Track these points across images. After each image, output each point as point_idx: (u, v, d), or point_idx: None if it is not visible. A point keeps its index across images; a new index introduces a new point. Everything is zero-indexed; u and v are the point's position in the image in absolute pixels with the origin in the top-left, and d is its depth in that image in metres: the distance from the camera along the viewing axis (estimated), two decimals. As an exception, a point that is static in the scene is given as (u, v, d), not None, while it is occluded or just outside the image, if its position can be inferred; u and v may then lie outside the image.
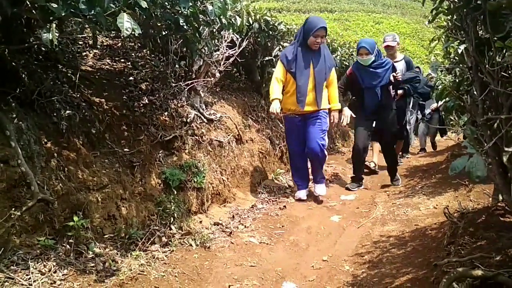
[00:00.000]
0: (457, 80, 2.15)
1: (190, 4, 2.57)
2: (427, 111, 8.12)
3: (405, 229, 3.61)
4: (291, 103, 4.48)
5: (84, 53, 4.02)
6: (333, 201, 4.69)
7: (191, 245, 3.18)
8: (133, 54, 4.44)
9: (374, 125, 5.29)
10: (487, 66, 1.49)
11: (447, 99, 2.47)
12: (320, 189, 4.73)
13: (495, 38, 1.50)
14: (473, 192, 3.89)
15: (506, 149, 1.37)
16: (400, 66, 5.97)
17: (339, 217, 4.21)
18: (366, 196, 4.87)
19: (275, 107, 4.26)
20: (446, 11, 1.80)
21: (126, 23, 2.06)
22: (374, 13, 29.34)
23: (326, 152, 4.61)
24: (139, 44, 4.59)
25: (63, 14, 1.95)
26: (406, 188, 5.05)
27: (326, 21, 4.64)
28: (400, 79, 5.06)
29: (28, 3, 1.94)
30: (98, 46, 4.27)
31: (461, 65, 1.87)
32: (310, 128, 4.50)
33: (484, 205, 3.16)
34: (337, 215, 4.27)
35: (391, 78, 5.00)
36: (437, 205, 4.00)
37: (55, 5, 1.93)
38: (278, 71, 4.44)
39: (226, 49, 4.26)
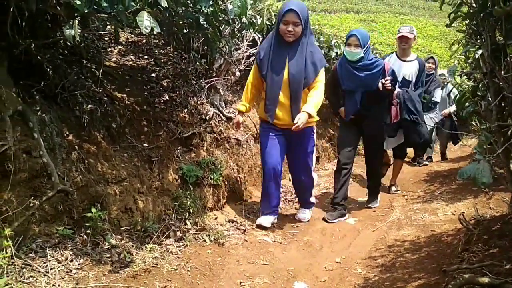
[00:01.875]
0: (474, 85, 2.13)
1: (210, 3, 2.61)
2: (438, 116, 7.10)
3: (421, 234, 3.58)
4: (262, 112, 3.69)
5: (109, 49, 4.10)
6: (350, 204, 4.67)
7: (205, 240, 3.22)
8: (156, 51, 4.51)
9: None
10: (502, 72, 1.48)
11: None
12: (302, 214, 4.03)
13: (512, 44, 1.49)
14: (493, 200, 3.83)
15: (513, 156, 1.36)
16: (412, 68, 4.88)
17: (354, 220, 4.19)
18: (384, 200, 4.83)
19: (234, 122, 3.56)
20: (463, 16, 1.78)
21: (145, 21, 2.12)
22: (401, 15, 28.88)
23: (314, 175, 3.97)
24: (163, 41, 4.66)
25: (86, 11, 2.01)
26: (425, 193, 4.99)
27: (352, 22, 4.22)
28: (390, 87, 3.96)
29: (53, -1, 2.01)
30: (123, 43, 4.36)
31: (477, 70, 1.85)
32: (293, 149, 3.71)
33: (503, 213, 3.12)
34: (353, 217, 4.25)
35: (379, 85, 3.98)
36: (455, 211, 3.95)
37: (78, 2, 1.99)
38: (251, 73, 3.66)
39: (247, 48, 4.29)
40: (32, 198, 2.36)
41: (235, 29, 3.82)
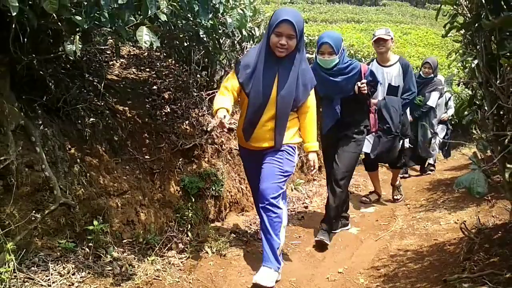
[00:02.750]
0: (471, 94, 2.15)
1: (210, 16, 2.65)
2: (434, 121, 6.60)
3: (424, 243, 3.57)
4: (240, 132, 3.16)
5: (111, 63, 4.15)
6: (352, 213, 4.65)
7: (207, 252, 3.22)
8: (157, 64, 4.56)
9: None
10: (497, 81, 1.49)
11: (452, 107, 2.45)
12: (262, 276, 2.82)
13: (507, 54, 1.50)
14: (496, 208, 3.82)
15: (508, 165, 1.37)
16: (394, 71, 4.60)
17: (357, 229, 4.18)
18: (386, 209, 4.82)
19: (219, 115, 2.64)
20: (458, 26, 1.80)
21: (145, 36, 2.15)
22: (402, 24, 29.05)
23: (282, 207, 3.03)
24: (164, 54, 4.70)
25: (86, 27, 2.04)
26: (428, 202, 4.98)
27: (353, 32, 3.79)
28: (365, 91, 3.61)
29: (55, 15, 2.04)
30: (125, 56, 4.41)
31: (473, 79, 1.87)
32: (265, 165, 3.00)
33: (505, 221, 3.11)
34: (355, 227, 4.24)
35: (355, 89, 3.65)
36: (458, 220, 3.93)
37: (79, 18, 2.03)
38: (228, 80, 3.00)
39: (248, 60, 4.31)
40: (34, 211, 2.38)
41: (235, 42, 3.85)
